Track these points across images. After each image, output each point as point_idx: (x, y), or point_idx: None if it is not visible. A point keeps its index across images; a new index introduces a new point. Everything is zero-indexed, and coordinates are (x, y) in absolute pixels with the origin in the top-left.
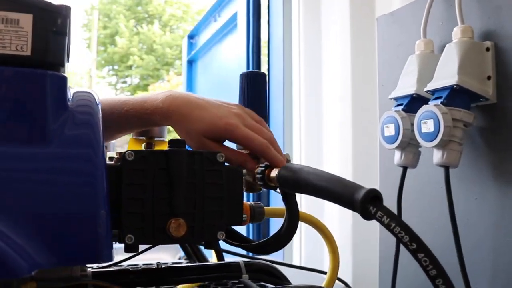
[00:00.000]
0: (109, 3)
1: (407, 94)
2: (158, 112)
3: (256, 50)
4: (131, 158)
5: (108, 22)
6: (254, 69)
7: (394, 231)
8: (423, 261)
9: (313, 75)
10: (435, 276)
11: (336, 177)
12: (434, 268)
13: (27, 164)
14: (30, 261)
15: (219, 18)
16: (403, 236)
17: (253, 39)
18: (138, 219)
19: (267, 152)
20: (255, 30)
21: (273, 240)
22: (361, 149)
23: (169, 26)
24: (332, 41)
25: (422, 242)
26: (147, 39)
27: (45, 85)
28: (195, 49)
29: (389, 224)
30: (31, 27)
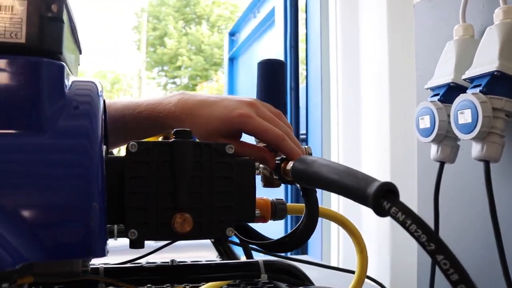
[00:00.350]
0: (158, 5)
1: (444, 83)
2: (171, 117)
3: (294, 44)
4: (134, 150)
5: (158, 24)
6: (292, 64)
7: (410, 229)
8: (443, 264)
9: (350, 68)
10: (457, 282)
11: (349, 169)
12: (455, 272)
13: (17, 154)
14: (14, 254)
15: (258, 14)
16: (420, 235)
17: (291, 34)
18: (141, 214)
19: (282, 143)
20: (293, 25)
21: (290, 238)
22: (399, 144)
23: (217, 27)
24: (369, 32)
25: (442, 242)
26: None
27: (39, 73)
28: (236, 46)
29: (404, 221)
30: (25, 14)
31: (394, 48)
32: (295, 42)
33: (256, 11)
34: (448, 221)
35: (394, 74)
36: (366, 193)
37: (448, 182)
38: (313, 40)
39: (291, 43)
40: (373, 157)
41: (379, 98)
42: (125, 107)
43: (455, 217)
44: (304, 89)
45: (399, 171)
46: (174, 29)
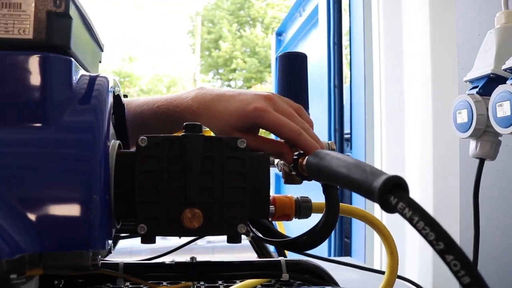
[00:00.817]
0: (212, 9)
1: (483, 74)
2: (188, 111)
3: (337, 42)
4: (144, 144)
5: (212, 28)
6: (335, 61)
7: (418, 227)
8: (453, 265)
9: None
10: (469, 285)
11: (359, 163)
12: (467, 274)
13: (21, 147)
14: (13, 245)
15: (303, 12)
16: (427, 232)
17: (334, 31)
18: (151, 208)
19: (298, 138)
20: (336, 22)
21: (307, 237)
22: (442, 142)
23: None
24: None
25: (452, 241)
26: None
27: (46, 68)
28: (283, 45)
29: (411, 218)
30: (33, 10)
31: (436, 41)
32: (339, 40)
33: (302, 9)
34: (491, 222)
35: (436, 68)
36: (372, 187)
37: (490, 181)
38: (356, 38)
39: (334, 41)
40: (417, 155)
41: (422, 94)
42: (145, 102)
43: (497, 217)
44: (348, 88)
45: (442, 169)
46: (229, 32)
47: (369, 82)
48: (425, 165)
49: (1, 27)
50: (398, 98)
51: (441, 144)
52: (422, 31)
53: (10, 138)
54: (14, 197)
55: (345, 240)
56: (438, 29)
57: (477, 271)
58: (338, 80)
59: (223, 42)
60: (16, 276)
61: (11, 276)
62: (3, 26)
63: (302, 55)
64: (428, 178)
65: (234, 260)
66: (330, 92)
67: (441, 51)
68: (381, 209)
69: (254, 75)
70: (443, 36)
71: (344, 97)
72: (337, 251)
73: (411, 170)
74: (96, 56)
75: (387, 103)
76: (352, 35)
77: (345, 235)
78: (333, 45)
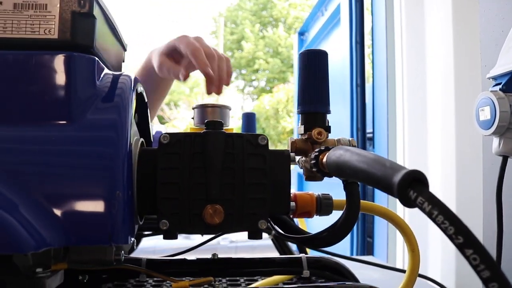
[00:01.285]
0: (235, 9)
1: (506, 71)
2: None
3: (359, 40)
4: (166, 141)
5: (235, 28)
6: (357, 60)
7: (437, 221)
8: (472, 259)
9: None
10: (489, 279)
11: (379, 158)
12: (486, 268)
13: (48, 145)
14: (38, 238)
15: (326, 12)
16: (447, 227)
17: (356, 29)
18: (173, 204)
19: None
20: (358, 20)
21: (327, 233)
22: (465, 140)
23: (293, 29)
24: (434, 25)
25: (472, 235)
26: (272, 42)
27: (70, 67)
28: (305, 45)
29: (431, 212)
30: (58, 11)
31: (459, 38)
32: (361, 38)
33: (324, 9)
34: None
35: (459, 66)
36: (392, 181)
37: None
38: (378, 36)
39: (356, 39)
40: (439, 154)
41: (444, 92)
42: None
43: None
44: (371, 87)
45: (464, 167)
46: (251, 32)
47: (391, 81)
48: (448, 163)
49: (28, 27)
50: (421, 97)
51: (464, 142)
52: (444, 29)
53: (35, 135)
54: (39, 192)
55: (368, 239)
56: (461, 26)
57: (497, 266)
58: (361, 79)
59: (245, 42)
60: (41, 270)
61: (37, 269)
62: (30, 27)
63: (323, 52)
64: (451, 176)
65: (255, 257)
66: (352, 91)
67: (464, 48)
68: (401, 204)
69: (276, 75)
70: (465, 33)
71: (366, 97)
72: (359, 250)
73: (433, 169)
74: (119, 55)
75: (410, 101)
76: (374, 34)
77: (367, 234)
78: (355, 44)
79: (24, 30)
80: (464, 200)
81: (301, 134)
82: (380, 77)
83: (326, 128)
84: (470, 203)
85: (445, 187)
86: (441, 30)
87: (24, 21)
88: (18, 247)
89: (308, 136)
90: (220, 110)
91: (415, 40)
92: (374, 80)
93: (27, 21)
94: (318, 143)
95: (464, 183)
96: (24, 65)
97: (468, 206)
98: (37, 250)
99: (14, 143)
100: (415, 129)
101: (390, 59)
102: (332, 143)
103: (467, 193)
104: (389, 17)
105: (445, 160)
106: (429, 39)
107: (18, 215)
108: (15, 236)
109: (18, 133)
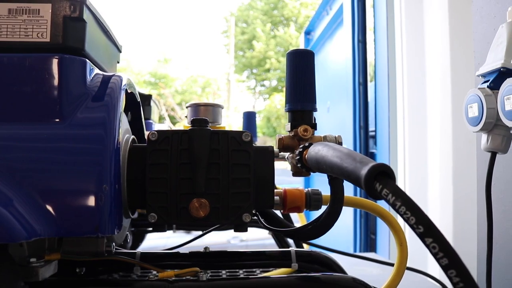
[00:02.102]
0: (246, 9)
1: (494, 68)
2: None
3: (362, 39)
4: (154, 138)
5: (246, 28)
6: (360, 59)
7: (400, 211)
8: (432, 248)
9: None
10: (447, 266)
11: (352, 152)
12: (445, 256)
13: (40, 142)
14: (29, 229)
15: (330, 11)
16: (409, 217)
17: (358, 29)
18: (161, 198)
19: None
20: (360, 20)
21: (312, 226)
22: (461, 135)
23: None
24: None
25: (432, 224)
26: (283, 41)
27: (62, 69)
28: (311, 44)
29: (394, 203)
30: (50, 16)
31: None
32: (363, 37)
33: (328, 8)
34: (509, 217)
35: (455, 64)
36: (360, 174)
37: (507, 174)
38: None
39: (358, 38)
40: (437, 151)
41: (441, 91)
42: None
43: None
44: (373, 87)
45: (460, 163)
46: (262, 32)
47: (392, 80)
48: (445, 159)
49: (22, 31)
50: (420, 95)
51: (459, 139)
52: (442, 28)
53: (28, 133)
54: (32, 186)
55: (371, 236)
56: (456, 25)
57: (455, 253)
58: (363, 77)
59: (256, 42)
60: (35, 260)
61: (31, 259)
62: (23, 31)
63: (309, 52)
64: (448, 171)
65: (246, 251)
66: (355, 90)
67: (460, 47)
68: (368, 195)
69: None
70: (461, 31)
71: (369, 95)
72: (362, 247)
73: (432, 165)
74: (113, 56)
75: (410, 100)
76: (376, 33)
77: (370, 232)
78: (357, 43)
79: (18, 33)
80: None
81: (289, 131)
82: (381, 76)
83: (312, 125)
84: (465, 197)
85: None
86: (439, 30)
87: (18, 25)
88: (10, 236)
89: (294, 133)
90: (213, 108)
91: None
92: (376, 79)
93: (21, 26)
94: (304, 139)
95: (460, 178)
96: (18, 67)
97: (464, 200)
98: (28, 239)
99: (8, 140)
100: (415, 127)
101: (391, 59)
102: (318, 140)
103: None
104: (390, 17)
105: (442, 156)
106: (428, 40)
107: (11, 208)
108: (8, 227)
109: (12, 131)
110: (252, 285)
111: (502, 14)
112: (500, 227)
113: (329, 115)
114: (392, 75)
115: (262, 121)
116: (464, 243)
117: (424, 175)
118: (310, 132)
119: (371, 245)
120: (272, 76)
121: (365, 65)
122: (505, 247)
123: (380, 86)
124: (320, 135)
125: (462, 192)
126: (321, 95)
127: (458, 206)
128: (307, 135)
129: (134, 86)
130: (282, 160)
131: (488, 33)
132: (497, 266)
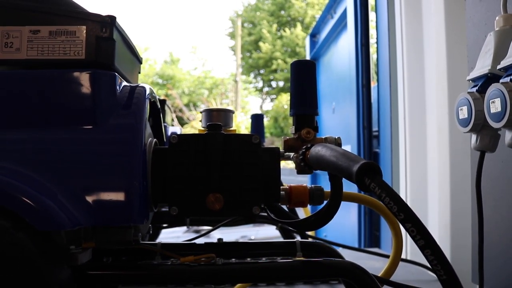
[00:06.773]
0: (252, 10)
1: (482, 74)
2: None
3: (364, 42)
4: (175, 141)
5: (252, 29)
6: (363, 62)
7: (385, 201)
8: (411, 231)
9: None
10: (423, 247)
11: (346, 152)
12: (422, 238)
13: (80, 145)
14: (73, 218)
15: (335, 14)
16: (392, 206)
17: (361, 32)
18: (181, 194)
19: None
20: (363, 24)
21: (314, 218)
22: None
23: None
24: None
25: (411, 212)
26: (290, 42)
27: (95, 82)
28: (316, 47)
29: (380, 195)
30: (84, 36)
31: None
32: (366, 40)
33: (333, 11)
34: (498, 211)
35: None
36: (352, 171)
37: (496, 171)
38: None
39: (362, 41)
40: (435, 150)
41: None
42: None
43: (505, 207)
44: (376, 88)
45: (457, 161)
46: (269, 33)
47: (394, 82)
48: (443, 158)
49: (61, 50)
50: (420, 97)
51: (456, 139)
52: (438, 33)
53: (68, 138)
54: (73, 183)
55: (375, 232)
56: (452, 31)
57: (431, 236)
58: (366, 79)
59: (263, 43)
60: (74, 247)
61: (71, 247)
62: (62, 50)
63: (311, 63)
64: (445, 169)
65: (256, 241)
66: (358, 91)
67: (456, 52)
68: (359, 189)
69: None
70: (457, 37)
71: (372, 96)
72: (367, 242)
73: (432, 164)
74: (135, 68)
75: (410, 102)
76: (378, 37)
77: (374, 228)
78: (360, 46)
79: (58, 52)
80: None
81: (293, 134)
82: (383, 78)
83: (314, 128)
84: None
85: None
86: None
87: (58, 45)
88: (57, 225)
89: (298, 135)
90: (224, 113)
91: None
92: (378, 81)
93: (60, 45)
94: (307, 141)
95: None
96: (58, 80)
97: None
98: (73, 228)
99: (51, 144)
100: (415, 128)
101: (392, 61)
102: (320, 141)
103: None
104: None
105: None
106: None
107: (57, 201)
108: (55, 217)
109: (54, 136)
110: (262, 267)
111: (492, 21)
112: (491, 221)
113: (335, 116)
114: (394, 78)
115: (270, 122)
116: (461, 237)
117: (424, 174)
118: (312, 134)
119: (375, 241)
120: (279, 76)
121: (368, 68)
122: (495, 239)
123: (382, 88)
124: (326, 135)
125: (459, 189)
126: (326, 96)
127: (455, 201)
128: (309, 137)
129: (155, 94)
130: (288, 159)
131: (480, 39)
132: (489, 256)
